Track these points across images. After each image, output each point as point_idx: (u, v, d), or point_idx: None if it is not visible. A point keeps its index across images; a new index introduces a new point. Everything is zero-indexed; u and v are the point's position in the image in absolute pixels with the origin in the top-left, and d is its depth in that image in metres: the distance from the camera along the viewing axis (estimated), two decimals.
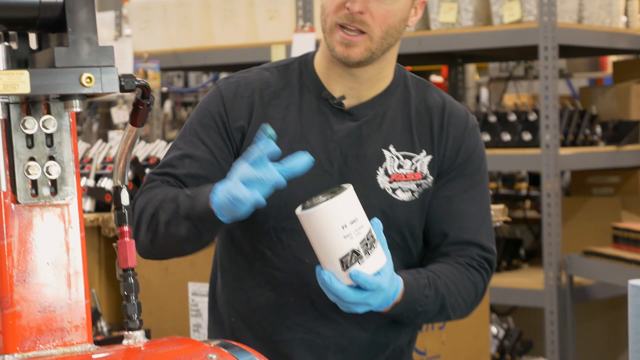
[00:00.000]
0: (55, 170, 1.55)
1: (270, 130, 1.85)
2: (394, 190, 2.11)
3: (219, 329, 2.21)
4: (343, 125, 2.12)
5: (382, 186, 2.11)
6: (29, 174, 1.53)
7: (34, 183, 1.54)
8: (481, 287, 2.15)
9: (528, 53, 5.49)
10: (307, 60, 2.19)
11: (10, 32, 1.53)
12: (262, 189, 1.84)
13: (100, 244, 3.78)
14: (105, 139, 5.72)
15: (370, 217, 2.02)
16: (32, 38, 1.55)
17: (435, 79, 7.82)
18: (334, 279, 1.85)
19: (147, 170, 3.91)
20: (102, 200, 3.77)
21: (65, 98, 1.50)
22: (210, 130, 2.13)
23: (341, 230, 1.81)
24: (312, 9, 5.07)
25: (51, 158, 1.55)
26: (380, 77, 2.15)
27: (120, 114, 6.08)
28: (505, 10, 4.83)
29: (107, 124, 6.56)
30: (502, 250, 5.41)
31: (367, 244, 1.84)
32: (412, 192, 2.13)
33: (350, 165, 2.11)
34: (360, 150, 2.12)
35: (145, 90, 1.65)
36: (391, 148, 2.13)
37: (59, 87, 1.47)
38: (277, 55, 5.09)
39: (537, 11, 4.73)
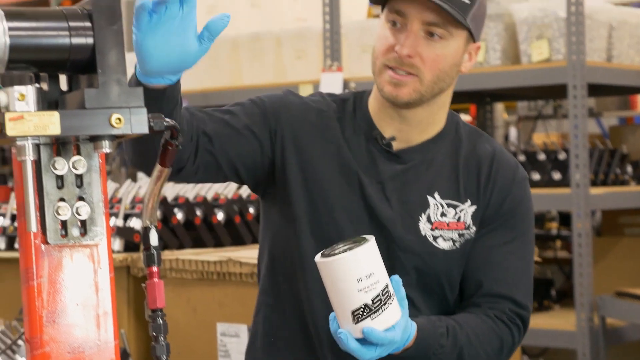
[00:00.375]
0: (84, 211, 1.55)
1: None
2: (435, 238, 2.10)
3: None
4: (389, 167, 2.11)
5: (423, 233, 2.09)
6: (58, 214, 1.54)
7: (64, 224, 1.54)
8: (509, 342, 2.11)
9: (557, 92, 5.48)
10: (362, 97, 2.19)
11: (41, 74, 1.54)
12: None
13: (129, 284, 3.78)
14: (135, 178, 5.74)
15: (409, 263, 2.03)
16: (63, 79, 1.57)
17: (464, 117, 7.80)
18: (350, 337, 1.85)
19: (176, 210, 3.92)
20: (131, 240, 3.78)
21: (95, 139, 1.51)
22: (255, 119, 2.12)
23: (356, 284, 1.82)
24: (339, 48, 5.09)
25: (81, 199, 1.56)
26: (431, 121, 2.13)
27: None
28: (534, 49, 4.83)
29: None
30: (533, 291, 5.36)
31: (381, 300, 1.83)
32: (454, 241, 2.11)
33: (393, 207, 2.10)
34: (404, 194, 2.10)
35: (174, 131, 1.65)
36: (436, 195, 2.11)
37: (89, 128, 1.48)
38: (305, 94, 5.10)
39: (566, 50, 4.73)
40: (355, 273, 1.81)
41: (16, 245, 4.02)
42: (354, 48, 5.18)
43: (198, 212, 3.95)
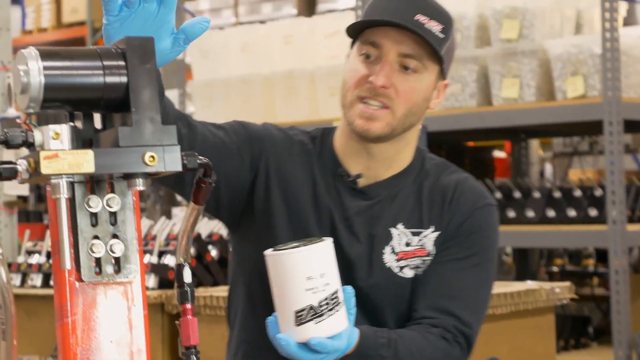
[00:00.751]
0: (119, 248, 1.56)
1: None
2: (401, 268, 2.08)
3: None
4: (355, 203, 2.10)
5: (387, 265, 2.07)
6: (93, 252, 1.54)
7: (98, 261, 1.55)
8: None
9: (593, 128, 5.46)
10: (329, 134, 2.17)
11: (76, 112, 1.55)
12: None
13: (163, 321, 3.78)
14: (169, 215, 5.76)
15: (378, 298, 1.99)
16: (97, 117, 1.58)
17: (499, 154, 7.79)
18: (290, 342, 1.77)
19: (210, 247, 3.93)
20: (166, 277, 3.78)
21: (128, 177, 1.52)
22: (242, 138, 2.10)
23: (305, 282, 1.73)
24: None
25: (115, 236, 1.56)
26: (398, 157, 2.12)
27: None
28: (569, 85, 4.81)
29: (171, 201, 6.63)
30: (570, 329, 5.32)
31: (328, 304, 1.75)
32: (418, 268, 2.09)
33: (361, 243, 2.08)
34: (370, 229, 2.09)
35: (208, 169, 1.66)
36: (399, 226, 2.09)
37: (123, 166, 1.48)
38: None
39: (601, 86, 4.71)
40: (307, 270, 1.73)
41: (51, 282, 4.04)
42: None
43: None
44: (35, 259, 4.31)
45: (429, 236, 2.09)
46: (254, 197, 2.11)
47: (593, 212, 4.94)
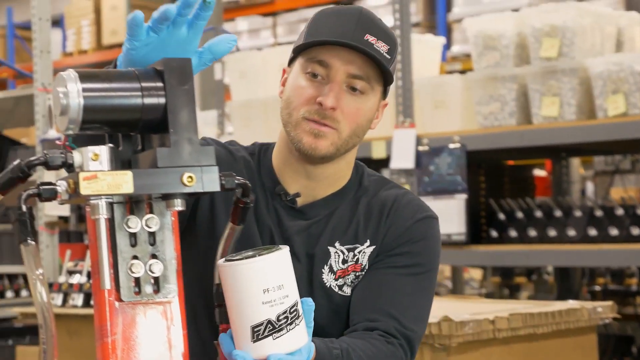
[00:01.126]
0: (157, 268, 1.57)
1: None
2: (340, 287, 2.05)
3: None
4: (294, 222, 2.07)
5: (327, 284, 2.04)
6: (132, 272, 1.55)
7: (137, 281, 1.55)
8: None
9: (634, 146, 5.41)
10: (266, 151, 2.12)
11: (114, 133, 1.56)
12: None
13: None
14: None
15: (319, 317, 1.92)
16: (136, 138, 1.59)
17: (539, 173, 7.75)
18: (248, 359, 1.66)
19: None
20: None
21: (167, 197, 1.52)
22: None
23: (262, 295, 1.61)
24: (411, 104, 5.09)
25: (154, 256, 1.57)
26: (337, 177, 2.09)
27: None
28: (610, 103, 4.78)
29: None
30: (613, 348, 5.27)
31: (287, 318, 1.62)
32: (353, 283, 2.06)
33: (301, 263, 2.05)
34: (310, 248, 2.06)
35: (246, 189, 1.66)
36: (337, 244, 2.06)
37: (161, 186, 1.49)
38: (378, 150, 5.11)
39: None
40: (263, 282, 1.61)
41: (92, 302, 4.06)
42: (427, 104, 5.18)
43: None
44: (76, 279, 4.34)
45: (365, 251, 2.06)
46: (196, 214, 2.07)
47: (635, 231, 4.89)
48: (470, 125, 5.04)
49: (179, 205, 1.53)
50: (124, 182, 1.48)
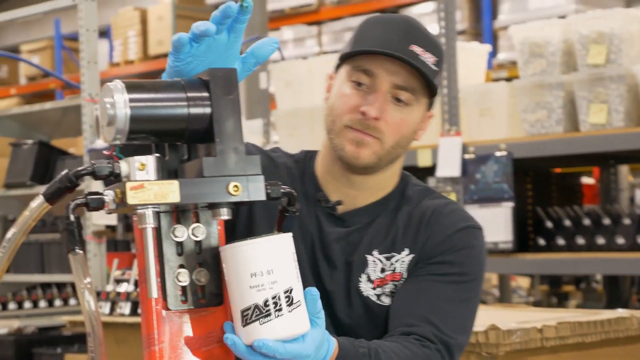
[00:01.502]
0: (204, 276, 1.57)
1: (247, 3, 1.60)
2: (378, 296, 2.01)
3: None
4: (333, 229, 2.05)
5: (365, 293, 2.01)
6: (179, 280, 1.56)
7: (184, 289, 1.56)
8: None
9: None
10: (311, 158, 2.12)
11: (161, 143, 1.57)
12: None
13: None
14: None
15: (357, 327, 1.91)
16: (182, 148, 1.59)
17: (587, 180, 7.69)
18: (239, 343, 1.61)
19: None
20: None
21: (213, 206, 1.53)
22: None
23: (249, 279, 1.58)
24: (457, 112, 5.07)
25: (200, 265, 1.58)
26: (380, 187, 2.07)
27: None
28: None
29: None
30: None
31: (276, 304, 1.58)
32: (393, 293, 2.02)
33: (339, 270, 2.03)
34: (347, 256, 2.03)
35: (291, 198, 1.66)
36: (374, 252, 2.03)
37: (207, 196, 1.50)
38: (424, 159, 5.09)
39: None
40: (250, 267, 1.58)
41: (139, 311, 4.09)
42: (473, 112, 5.16)
43: None
44: (123, 288, 4.37)
45: (403, 260, 2.03)
46: (236, 220, 2.05)
47: None
48: (517, 133, 5.02)
49: (225, 214, 1.54)
50: (171, 191, 1.49)
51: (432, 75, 1.99)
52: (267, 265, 1.58)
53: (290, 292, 1.60)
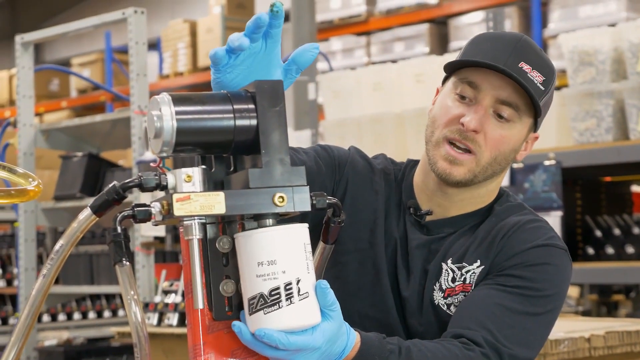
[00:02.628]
0: None
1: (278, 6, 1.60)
2: (448, 306, 1.99)
3: None
4: (417, 236, 2.04)
5: (436, 302, 1.99)
6: (225, 291, 1.56)
7: (230, 300, 1.57)
8: None
9: None
10: (413, 166, 2.11)
11: (207, 155, 1.58)
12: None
13: None
14: None
15: (426, 333, 1.89)
16: (228, 160, 1.60)
17: (637, 189, 7.61)
18: (244, 330, 1.59)
19: None
20: None
21: (259, 217, 1.54)
22: (325, 164, 2.07)
23: (255, 268, 1.56)
24: None
25: None
26: (473, 201, 2.04)
27: None
28: None
29: None
30: None
31: (280, 295, 1.56)
32: None
33: (415, 277, 2.02)
34: (425, 264, 2.02)
35: (337, 209, 1.67)
36: (448, 262, 2.01)
37: (253, 207, 1.51)
38: None
39: None
40: (256, 256, 1.56)
41: (186, 322, 4.11)
42: None
43: None
44: (171, 299, 4.39)
45: (475, 271, 1.99)
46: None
47: None
48: (566, 141, 4.98)
49: (270, 225, 1.54)
50: (217, 202, 1.49)
51: (538, 94, 1.96)
52: (272, 255, 1.56)
53: (297, 284, 1.58)
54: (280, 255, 1.56)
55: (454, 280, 1.99)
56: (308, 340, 1.60)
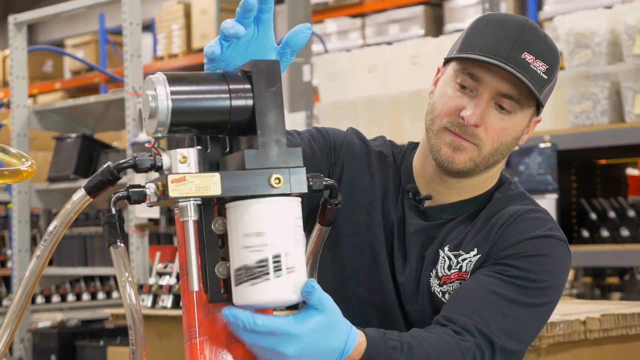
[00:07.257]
0: None
1: None
2: (443, 293, 1.97)
3: None
4: (415, 221, 2.02)
5: (432, 289, 1.98)
6: (220, 273, 1.55)
7: (225, 282, 1.56)
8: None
9: None
10: (413, 149, 2.10)
11: (203, 136, 1.57)
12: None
13: None
14: None
15: (422, 320, 1.88)
16: (224, 141, 1.59)
17: (632, 172, 7.61)
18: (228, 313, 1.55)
19: None
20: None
21: (255, 198, 1.52)
22: (320, 147, 2.05)
23: (242, 239, 1.54)
24: None
25: None
26: (473, 188, 2.03)
27: None
28: None
29: None
30: None
31: (263, 266, 1.52)
32: None
33: (411, 263, 2.00)
34: (422, 250, 2.00)
35: (333, 190, 1.66)
36: (445, 249, 1.99)
37: (249, 188, 1.49)
38: None
39: None
40: (244, 227, 1.53)
41: (181, 304, 4.10)
42: None
43: None
44: (165, 281, 4.39)
45: (471, 260, 1.97)
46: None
47: None
48: (561, 124, 4.98)
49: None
50: (212, 184, 1.48)
51: (540, 85, 1.93)
52: (260, 227, 1.53)
53: (283, 257, 1.54)
54: (269, 227, 1.53)
55: (450, 267, 1.97)
56: (283, 324, 1.55)
